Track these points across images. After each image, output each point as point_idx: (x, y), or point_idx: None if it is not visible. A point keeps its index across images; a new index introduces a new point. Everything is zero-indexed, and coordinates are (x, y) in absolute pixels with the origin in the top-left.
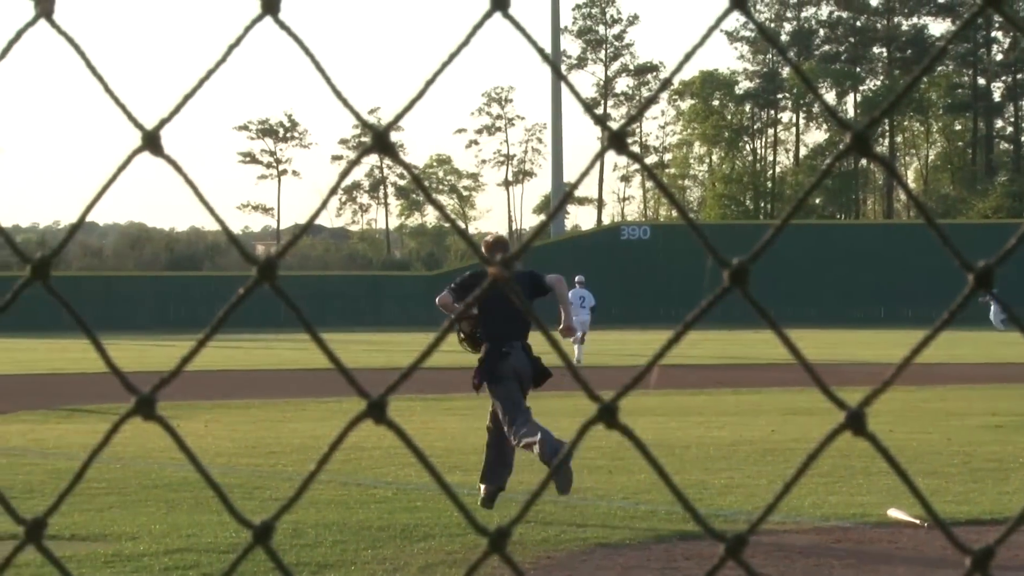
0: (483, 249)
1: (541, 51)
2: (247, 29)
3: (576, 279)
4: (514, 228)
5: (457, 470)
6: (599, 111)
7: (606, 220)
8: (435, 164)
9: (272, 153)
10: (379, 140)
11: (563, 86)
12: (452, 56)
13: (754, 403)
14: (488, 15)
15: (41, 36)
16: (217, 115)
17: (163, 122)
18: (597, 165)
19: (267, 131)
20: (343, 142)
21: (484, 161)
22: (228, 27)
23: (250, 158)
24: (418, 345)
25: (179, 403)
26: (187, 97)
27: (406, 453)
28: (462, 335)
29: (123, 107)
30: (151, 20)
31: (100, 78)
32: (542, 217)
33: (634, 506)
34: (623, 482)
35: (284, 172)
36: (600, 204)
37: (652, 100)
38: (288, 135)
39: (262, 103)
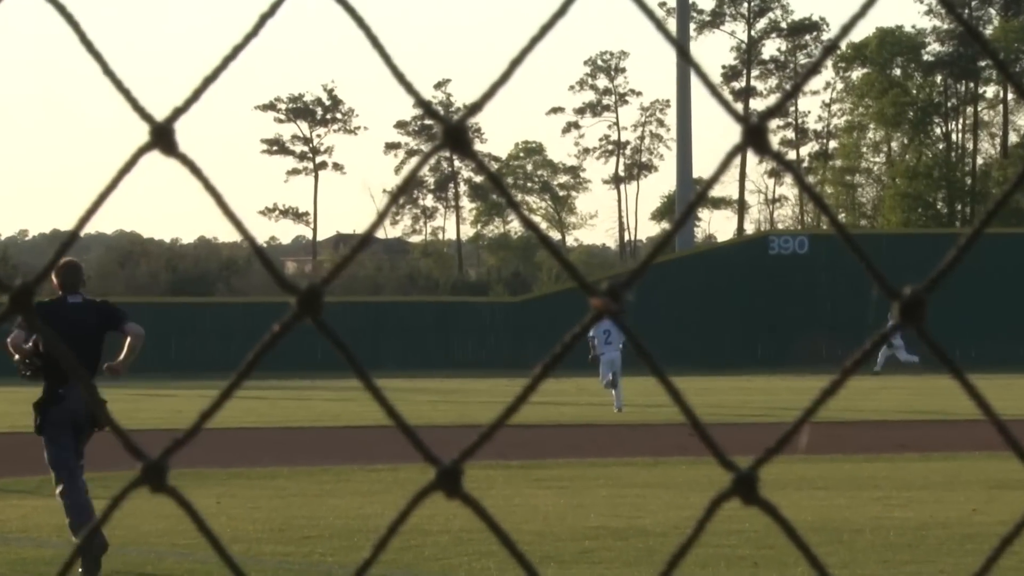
0: (55, 278)
1: (654, 19)
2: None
3: None
4: (627, 239)
5: (551, 561)
6: (740, 84)
7: (749, 228)
8: (522, 155)
9: (307, 140)
10: (451, 136)
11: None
12: (546, 27)
13: (950, 473)
14: None
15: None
16: (233, 89)
17: (178, 112)
18: (737, 159)
19: (300, 111)
20: (401, 125)
21: (587, 151)
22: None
23: (278, 147)
24: (501, 394)
25: (183, 471)
26: (208, 80)
27: (485, 537)
28: (27, 361)
29: (126, 92)
30: None
31: (97, 55)
32: (665, 226)
33: None
34: None
35: (323, 166)
36: (742, 207)
37: (804, 81)
38: (328, 117)
39: (293, 75)
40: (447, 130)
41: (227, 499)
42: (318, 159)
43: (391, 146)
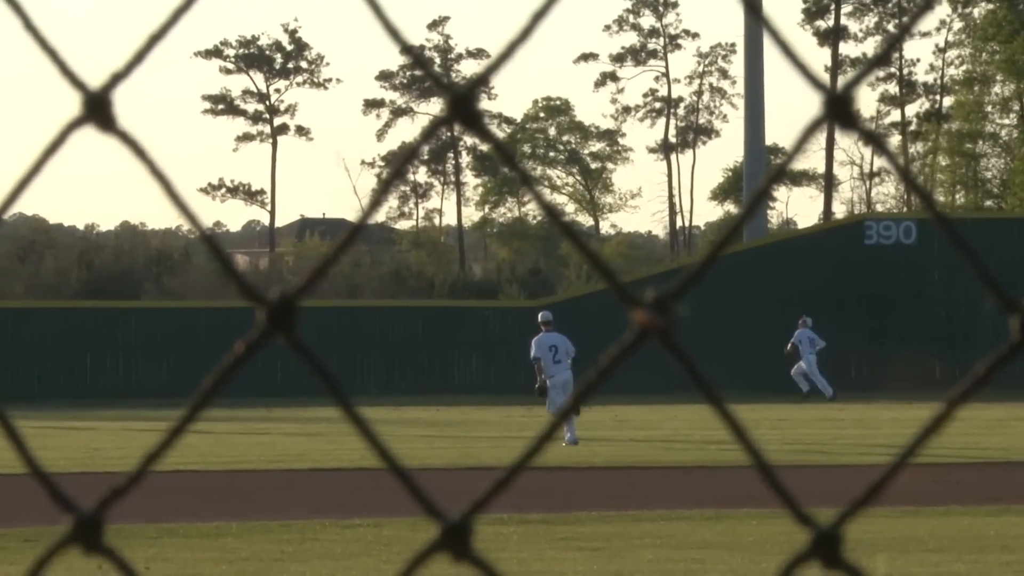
0: None
1: None
2: None
3: (541, 317)
4: (679, 225)
5: None
6: (826, 23)
7: (840, 211)
8: (542, 115)
9: (262, 96)
10: (459, 107)
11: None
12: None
13: None
14: None
15: None
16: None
17: (117, 78)
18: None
19: (254, 59)
20: (384, 77)
21: (627, 110)
22: None
23: (224, 106)
24: (516, 428)
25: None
26: (155, 38)
27: None
28: None
29: (55, 56)
30: None
31: (28, 22)
32: (729, 208)
33: None
34: None
35: (283, 129)
36: (829, 184)
37: (906, 32)
38: (290, 66)
39: (246, 12)
40: (454, 100)
41: (159, 563)
42: (276, 121)
43: (371, 104)
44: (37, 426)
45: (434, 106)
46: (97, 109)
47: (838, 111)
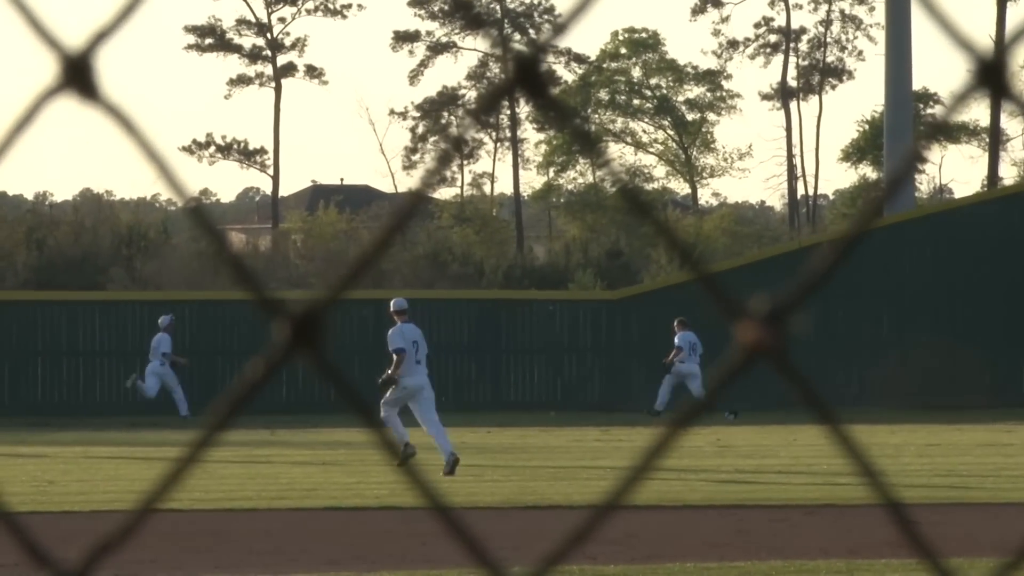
0: None
1: None
2: None
3: (395, 305)
4: (801, 193)
5: None
6: None
7: (1008, 176)
8: (624, 52)
9: (263, 28)
10: (524, 70)
11: None
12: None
13: None
14: None
15: None
16: None
17: (100, 38)
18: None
19: None
20: (418, 3)
21: (733, 45)
22: None
23: (215, 40)
24: (590, 455)
25: None
26: None
27: None
28: None
29: (28, 14)
30: None
31: None
32: (865, 172)
33: None
34: None
35: (289, 70)
36: (995, 141)
37: None
38: None
39: None
40: (519, 62)
41: None
42: (280, 59)
43: (403, 37)
44: None
45: (490, 34)
46: (78, 75)
47: (991, 78)
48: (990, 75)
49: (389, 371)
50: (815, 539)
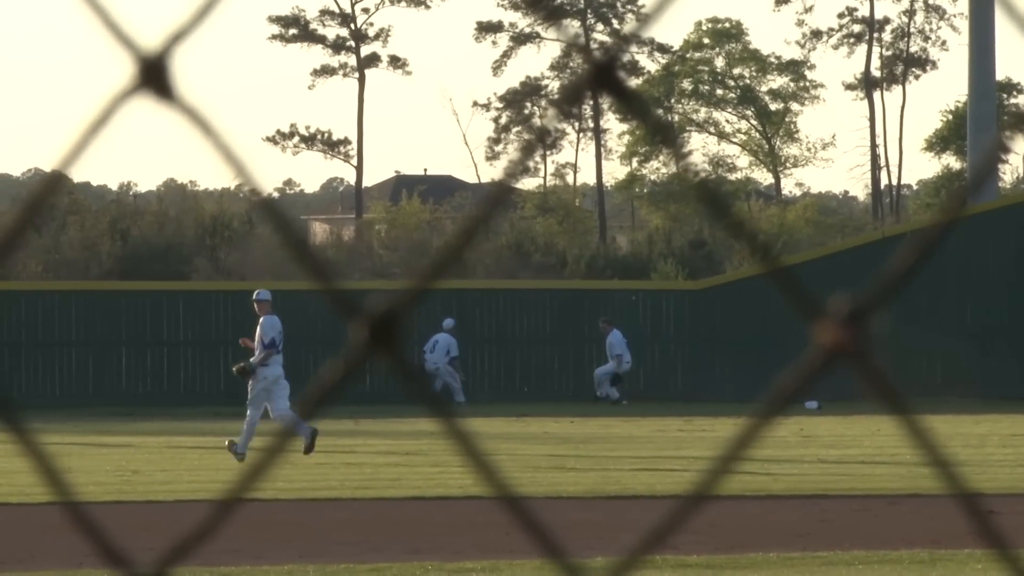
0: None
1: None
2: None
3: (259, 295)
4: (885, 183)
5: None
6: None
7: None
8: (707, 42)
9: (347, 19)
10: (600, 73)
11: None
12: None
13: None
14: None
15: None
16: None
17: (176, 39)
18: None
19: None
20: None
21: (816, 35)
22: None
23: (299, 31)
24: (672, 446)
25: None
26: None
27: None
28: None
29: (106, 17)
30: None
31: None
32: (949, 162)
33: None
34: None
35: (372, 61)
36: None
37: None
38: None
39: None
40: (596, 68)
41: None
42: (364, 50)
43: (486, 28)
44: (58, 442)
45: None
46: (154, 76)
47: None
48: None
49: (252, 359)
50: (898, 529)
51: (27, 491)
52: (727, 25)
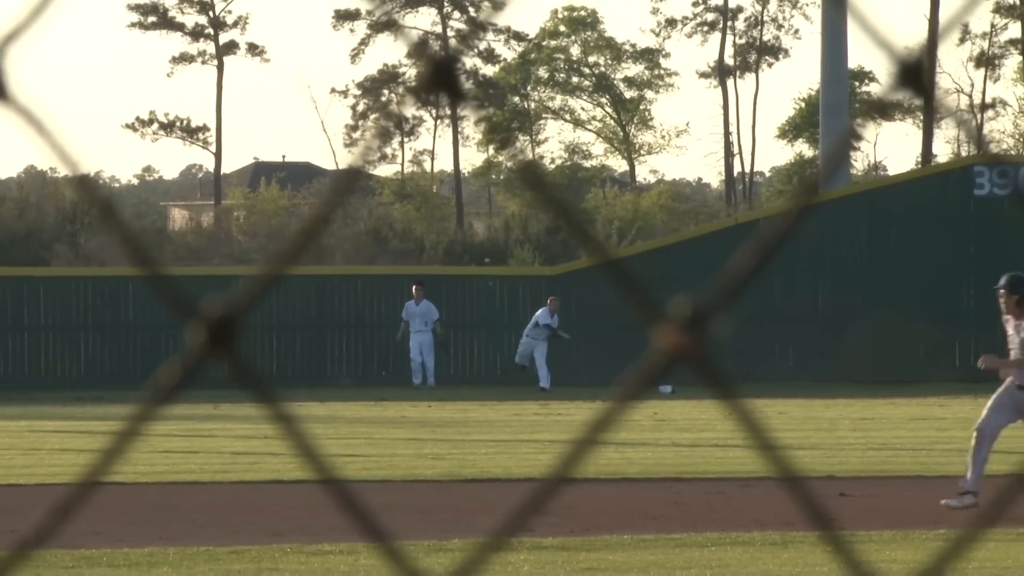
0: None
1: None
2: None
3: None
4: (736, 170)
5: None
6: None
7: (943, 154)
8: (563, 30)
9: (206, 7)
10: (440, 73)
11: None
12: None
13: None
14: None
15: None
16: None
17: (11, 37)
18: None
19: None
20: None
21: (671, 23)
22: None
23: (157, 18)
24: (527, 429)
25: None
26: None
27: None
28: None
29: None
30: None
31: None
32: (801, 150)
33: None
34: None
35: (230, 48)
36: (930, 119)
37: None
38: None
39: None
40: (434, 66)
41: None
42: (222, 37)
43: (344, 16)
44: None
45: (424, 18)
46: None
47: (911, 79)
48: (910, 77)
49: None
50: (751, 511)
51: None
52: (583, 13)
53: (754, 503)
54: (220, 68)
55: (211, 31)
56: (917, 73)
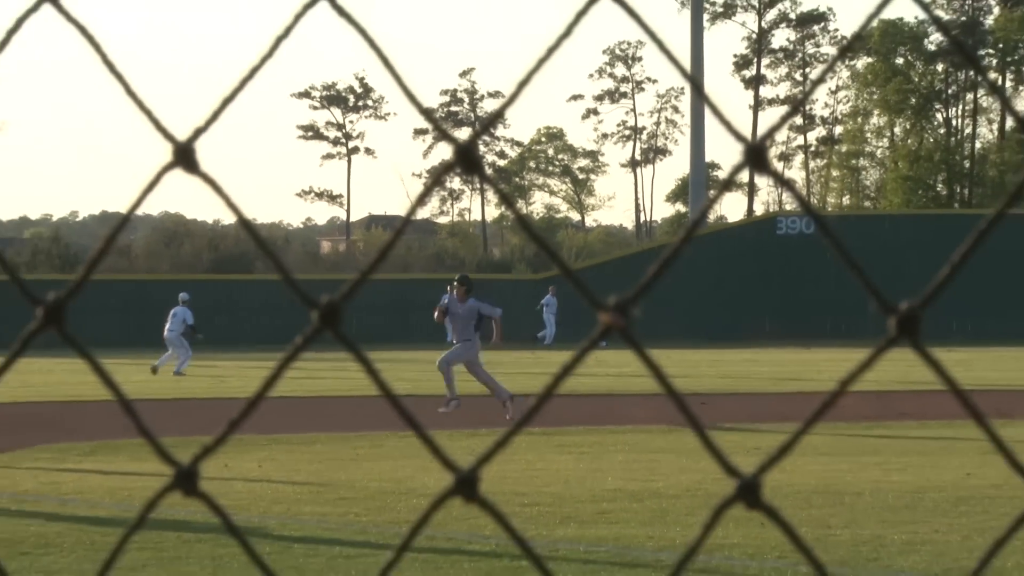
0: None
1: (668, 53)
2: (297, 17)
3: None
4: (643, 219)
5: (570, 521)
6: (751, 72)
7: (758, 209)
8: (543, 140)
9: (340, 127)
10: (463, 156)
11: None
12: (552, 49)
13: (946, 439)
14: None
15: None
16: (269, 78)
17: (199, 132)
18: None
19: (334, 99)
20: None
21: (605, 136)
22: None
23: (313, 133)
24: (524, 366)
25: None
26: (227, 101)
27: (507, 495)
28: None
29: (149, 114)
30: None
31: (121, 79)
32: (680, 208)
33: (792, 567)
34: (779, 538)
35: (355, 150)
36: (751, 189)
37: (806, 98)
38: (360, 104)
39: (326, 64)
40: (458, 150)
41: (268, 463)
42: (351, 144)
43: (419, 132)
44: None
45: (465, 132)
46: (184, 157)
47: (755, 159)
48: (754, 156)
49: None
50: (651, 414)
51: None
52: (555, 130)
53: (653, 410)
54: (349, 161)
55: (344, 140)
56: (762, 153)
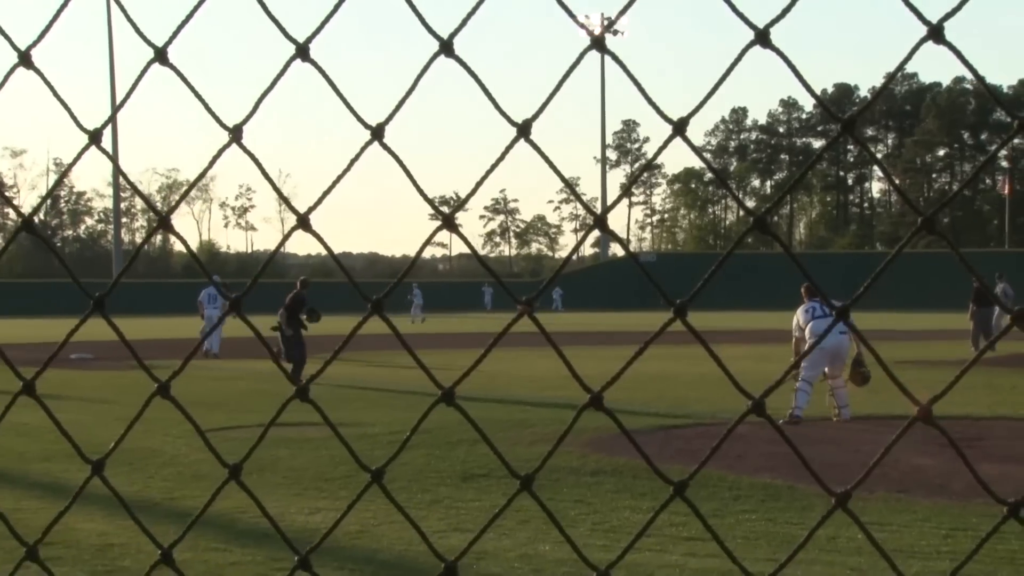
0: None
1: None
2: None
3: None
4: (575, 256)
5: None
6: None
7: (633, 249)
8: (537, 221)
9: None
10: (447, 223)
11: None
12: (478, 184)
13: None
14: (513, 143)
15: None
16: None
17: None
18: (626, 212)
19: None
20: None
21: (563, 217)
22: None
23: None
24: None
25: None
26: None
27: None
28: None
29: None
30: None
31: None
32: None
33: None
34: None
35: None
36: (627, 233)
37: (630, 186)
38: None
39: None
40: (444, 219)
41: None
42: None
43: (442, 202)
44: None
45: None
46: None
47: (599, 224)
48: (599, 224)
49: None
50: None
51: None
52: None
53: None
54: None
55: None
56: (604, 222)
